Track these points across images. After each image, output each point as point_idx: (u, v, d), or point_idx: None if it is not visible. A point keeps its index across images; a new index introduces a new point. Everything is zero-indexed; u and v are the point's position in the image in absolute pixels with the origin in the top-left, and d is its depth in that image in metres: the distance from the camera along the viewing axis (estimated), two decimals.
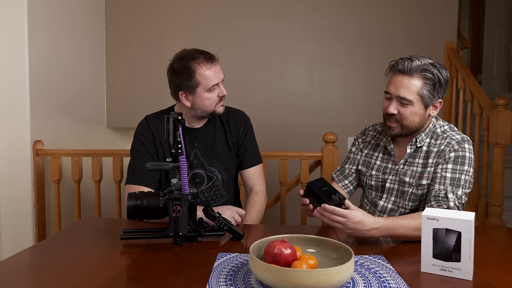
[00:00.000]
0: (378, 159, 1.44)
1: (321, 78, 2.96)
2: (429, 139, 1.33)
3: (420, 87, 1.25)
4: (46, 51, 2.27)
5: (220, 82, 1.45)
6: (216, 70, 1.43)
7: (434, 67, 1.25)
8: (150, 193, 1.15)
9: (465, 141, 1.29)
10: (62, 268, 0.98)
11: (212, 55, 1.45)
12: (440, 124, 1.36)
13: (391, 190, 1.39)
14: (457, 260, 0.92)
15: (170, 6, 2.92)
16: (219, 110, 1.49)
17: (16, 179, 2.14)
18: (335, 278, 0.79)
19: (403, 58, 1.28)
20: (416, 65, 1.24)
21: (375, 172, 1.43)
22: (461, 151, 1.27)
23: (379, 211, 1.42)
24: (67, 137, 2.48)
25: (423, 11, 2.89)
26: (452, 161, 1.26)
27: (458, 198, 1.22)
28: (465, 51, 3.78)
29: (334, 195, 1.14)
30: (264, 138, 2.05)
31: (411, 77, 1.25)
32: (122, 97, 2.97)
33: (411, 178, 1.33)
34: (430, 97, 1.26)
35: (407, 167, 1.35)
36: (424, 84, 1.25)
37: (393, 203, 1.39)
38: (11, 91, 2.10)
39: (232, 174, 1.60)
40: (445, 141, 1.30)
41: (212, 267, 0.96)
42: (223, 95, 1.47)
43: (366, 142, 1.51)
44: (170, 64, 1.46)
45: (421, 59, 1.26)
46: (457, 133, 1.32)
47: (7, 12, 2.07)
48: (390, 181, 1.39)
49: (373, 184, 1.44)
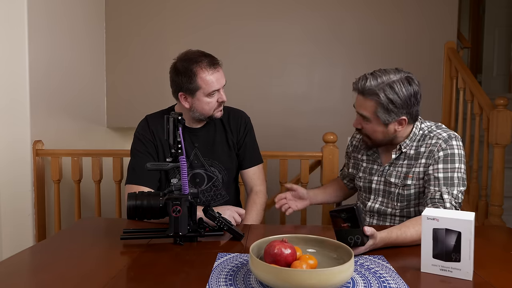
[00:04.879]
0: (364, 161, 1.46)
1: (321, 78, 2.96)
2: (416, 142, 1.32)
3: (374, 108, 1.24)
4: (46, 51, 2.27)
5: (221, 88, 1.45)
6: (218, 76, 1.43)
7: (390, 87, 1.20)
8: (150, 193, 1.15)
9: (452, 137, 1.26)
10: (62, 268, 0.98)
11: (216, 60, 1.44)
12: (426, 125, 1.34)
13: (378, 191, 1.40)
14: (457, 260, 0.92)
15: (170, 6, 2.92)
16: (217, 115, 1.48)
17: (16, 179, 2.14)
18: (335, 278, 0.79)
19: (364, 76, 1.25)
20: (369, 86, 1.22)
21: (361, 174, 1.45)
22: (449, 149, 1.25)
23: (368, 211, 1.43)
24: (67, 137, 2.48)
25: (423, 11, 2.89)
26: (442, 161, 1.24)
27: (455, 198, 1.21)
28: (465, 51, 3.78)
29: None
30: (264, 138, 2.05)
31: (364, 98, 1.26)
32: (122, 97, 2.97)
33: (396, 179, 1.33)
34: (386, 116, 1.25)
35: (392, 168, 1.35)
36: (377, 105, 1.23)
37: (381, 203, 1.39)
38: (11, 91, 2.10)
39: (232, 174, 1.60)
40: (432, 141, 1.28)
41: (212, 267, 0.96)
42: (222, 101, 1.47)
43: (353, 145, 1.54)
44: (174, 63, 1.46)
45: (381, 76, 1.22)
46: (443, 131, 1.29)
47: (7, 12, 2.07)
48: (376, 182, 1.40)
49: (361, 185, 1.45)
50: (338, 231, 1.03)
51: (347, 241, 1.01)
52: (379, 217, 1.41)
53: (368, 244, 1.03)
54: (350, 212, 1.00)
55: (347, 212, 1.01)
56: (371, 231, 1.02)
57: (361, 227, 1.00)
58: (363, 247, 1.03)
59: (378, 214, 1.41)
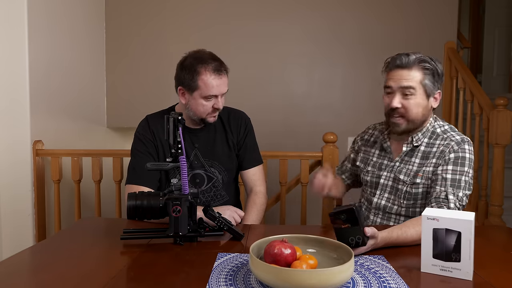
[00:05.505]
0: (375, 155, 1.46)
1: (321, 78, 2.96)
2: (427, 139, 1.33)
3: (421, 77, 1.27)
4: (46, 51, 2.27)
5: (220, 95, 1.44)
6: (220, 82, 1.42)
7: (430, 59, 1.29)
8: (150, 193, 1.15)
9: (465, 142, 1.29)
10: (62, 268, 0.98)
11: (223, 67, 1.43)
12: (439, 124, 1.36)
13: (385, 187, 1.40)
14: (457, 260, 0.92)
15: (170, 6, 2.92)
16: (209, 120, 1.48)
17: (16, 179, 2.14)
18: (335, 278, 0.79)
19: (399, 54, 1.31)
20: (413, 58, 1.28)
21: (371, 168, 1.45)
22: (461, 152, 1.27)
23: (373, 208, 1.43)
24: (67, 137, 2.48)
25: (423, 11, 2.89)
26: (452, 162, 1.26)
27: (459, 200, 1.22)
28: (465, 51, 3.78)
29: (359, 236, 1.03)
30: (264, 138, 2.05)
31: (410, 70, 1.27)
32: (122, 97, 2.97)
33: (405, 176, 1.34)
34: (431, 86, 1.29)
35: (403, 165, 1.36)
36: (424, 74, 1.27)
37: (387, 199, 1.39)
38: (11, 91, 2.10)
39: (232, 175, 1.60)
40: (444, 142, 1.30)
41: (212, 267, 0.96)
42: (217, 108, 1.46)
43: (364, 140, 1.53)
44: (184, 57, 1.47)
45: (416, 53, 1.30)
46: (457, 134, 1.32)
47: (7, 12, 2.07)
48: (384, 177, 1.40)
49: (368, 179, 1.45)
50: (338, 232, 1.02)
51: (348, 242, 1.00)
52: (383, 215, 1.41)
53: (369, 244, 1.03)
54: (350, 213, 1.00)
55: (347, 213, 1.00)
56: (371, 232, 1.01)
57: (361, 227, 1.00)
58: (364, 247, 1.03)
59: (383, 211, 1.41)
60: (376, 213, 1.43)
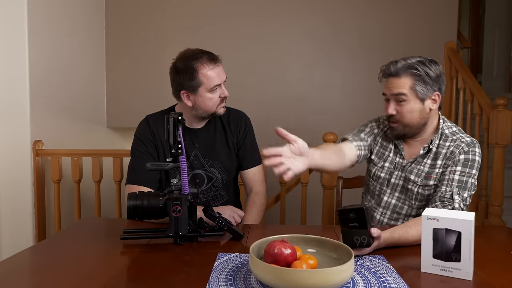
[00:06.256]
0: (392, 151, 1.43)
1: (321, 78, 2.96)
2: (438, 140, 1.34)
3: (411, 83, 1.27)
4: (46, 51, 2.27)
5: (222, 83, 1.46)
6: (219, 70, 1.44)
7: (421, 63, 1.27)
8: (150, 193, 1.15)
9: (475, 144, 1.29)
10: (62, 268, 0.98)
11: (216, 56, 1.45)
12: (447, 125, 1.37)
13: (395, 186, 1.40)
14: (457, 260, 0.92)
15: (170, 6, 2.92)
16: (220, 111, 1.49)
17: (16, 179, 2.14)
18: (335, 278, 0.79)
19: (391, 61, 1.31)
20: (401, 65, 1.28)
21: (388, 164, 1.42)
22: (471, 154, 1.27)
23: (382, 207, 1.42)
24: (67, 137, 2.48)
25: (423, 11, 2.89)
26: (461, 164, 1.26)
27: (463, 200, 1.22)
28: (465, 51, 3.77)
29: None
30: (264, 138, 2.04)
31: (399, 77, 1.28)
32: (122, 97, 2.97)
33: (416, 177, 1.34)
34: (424, 90, 1.28)
35: (414, 165, 1.36)
36: (414, 80, 1.27)
37: (397, 199, 1.39)
38: (11, 91, 2.10)
39: (232, 175, 1.60)
40: (454, 143, 1.30)
41: (212, 267, 0.96)
42: (225, 96, 1.47)
43: (381, 130, 1.47)
44: (173, 63, 1.46)
45: (408, 59, 1.29)
46: (467, 136, 1.33)
47: (7, 12, 2.07)
48: (395, 176, 1.40)
49: (382, 176, 1.43)
50: (345, 231, 1.03)
51: (353, 241, 1.01)
52: (391, 215, 1.41)
53: (373, 245, 1.04)
54: (359, 212, 1.00)
55: (356, 212, 1.01)
56: (377, 233, 1.02)
57: (368, 228, 1.00)
58: (369, 248, 1.03)
59: (392, 211, 1.40)
60: (384, 213, 1.42)
